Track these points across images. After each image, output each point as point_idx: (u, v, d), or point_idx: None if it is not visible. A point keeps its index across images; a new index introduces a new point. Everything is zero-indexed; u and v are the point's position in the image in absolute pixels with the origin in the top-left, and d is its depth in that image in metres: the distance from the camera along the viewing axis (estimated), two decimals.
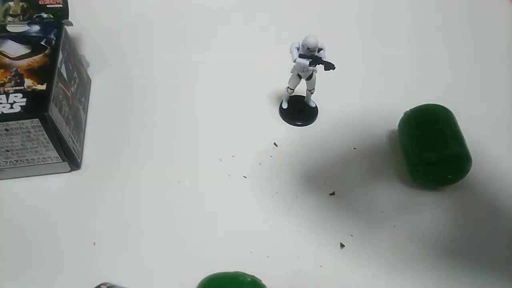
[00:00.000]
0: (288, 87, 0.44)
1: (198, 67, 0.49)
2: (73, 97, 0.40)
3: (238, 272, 0.31)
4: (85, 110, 0.44)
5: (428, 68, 0.51)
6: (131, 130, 0.44)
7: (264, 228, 0.38)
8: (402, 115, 0.42)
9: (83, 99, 0.44)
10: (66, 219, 0.37)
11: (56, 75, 0.37)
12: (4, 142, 0.35)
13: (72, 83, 0.40)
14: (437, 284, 0.35)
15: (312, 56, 0.39)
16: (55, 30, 0.39)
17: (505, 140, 0.45)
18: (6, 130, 0.34)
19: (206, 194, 0.39)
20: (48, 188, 0.39)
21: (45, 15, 0.41)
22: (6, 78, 0.36)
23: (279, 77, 0.44)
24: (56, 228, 0.37)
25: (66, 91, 0.39)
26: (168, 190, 0.40)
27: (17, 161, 0.37)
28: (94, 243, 0.36)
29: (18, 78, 0.36)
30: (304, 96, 0.45)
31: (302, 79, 0.42)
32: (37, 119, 0.34)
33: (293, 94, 0.45)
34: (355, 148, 0.43)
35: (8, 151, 0.36)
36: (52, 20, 0.40)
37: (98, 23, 0.53)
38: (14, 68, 0.36)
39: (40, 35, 0.39)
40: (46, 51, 0.38)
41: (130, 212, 0.38)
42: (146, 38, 0.52)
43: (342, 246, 0.37)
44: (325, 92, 0.44)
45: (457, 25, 0.57)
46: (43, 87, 0.35)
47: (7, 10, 0.40)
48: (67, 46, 0.40)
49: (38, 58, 0.37)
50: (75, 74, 0.42)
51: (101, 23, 0.53)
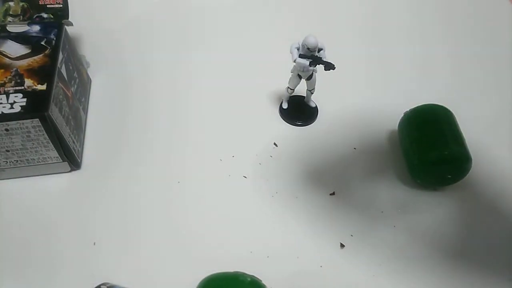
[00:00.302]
0: (288, 87, 0.44)
1: (198, 67, 0.49)
2: (73, 97, 0.40)
3: (238, 272, 0.31)
4: (85, 110, 0.44)
5: (428, 68, 0.51)
6: (131, 130, 0.44)
7: (264, 228, 0.38)
8: (402, 115, 0.42)
9: (83, 99, 0.44)
10: (66, 219, 0.37)
11: (56, 75, 0.37)
12: (4, 142, 0.35)
13: (72, 83, 0.40)
14: (437, 284, 0.35)
15: (312, 56, 0.39)
16: (55, 30, 0.39)
17: (505, 140, 0.45)
18: (6, 130, 0.34)
19: (206, 194, 0.39)
20: (48, 188, 0.39)
21: (45, 15, 0.41)
22: (6, 78, 0.36)
23: (279, 77, 0.44)
24: (56, 228, 0.37)
25: (66, 91, 0.39)
26: (168, 190, 0.40)
27: (17, 161, 0.37)
28: (94, 243, 0.36)
29: (18, 78, 0.36)
30: (304, 96, 0.45)
31: (302, 79, 0.42)
32: (37, 119, 0.34)
33: (293, 94, 0.45)
34: (355, 148, 0.43)
35: (8, 151, 0.36)
36: (52, 20, 0.40)
37: (98, 23, 0.53)
38: (14, 68, 0.36)
39: (40, 35, 0.39)
40: (46, 51, 0.38)
41: (130, 212, 0.38)
42: (146, 38, 0.52)
43: (342, 246, 0.37)
44: (325, 92, 0.44)
45: (457, 25, 0.57)
46: (43, 87, 0.35)
47: (7, 10, 0.40)
48: (67, 46, 0.40)
49: (38, 58, 0.37)
50: (75, 74, 0.42)
51: (101, 23, 0.53)
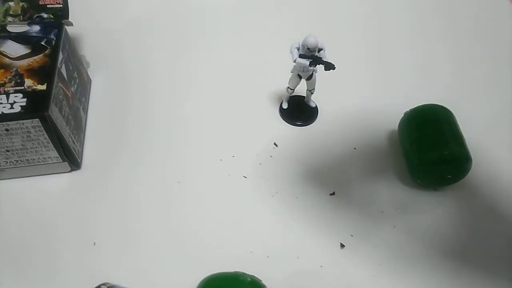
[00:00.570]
0: (288, 87, 0.44)
1: (198, 67, 0.49)
2: (73, 97, 0.40)
3: (238, 272, 0.31)
4: (85, 110, 0.44)
5: (428, 68, 0.51)
6: (131, 130, 0.44)
7: (264, 228, 0.38)
8: (402, 115, 0.42)
9: (83, 99, 0.44)
10: (66, 219, 0.37)
11: (56, 75, 0.37)
12: (4, 142, 0.35)
13: (72, 83, 0.40)
14: (437, 284, 0.35)
15: (312, 56, 0.39)
16: (55, 30, 0.39)
17: (505, 140, 0.45)
18: (6, 130, 0.34)
19: (206, 194, 0.39)
20: (48, 188, 0.39)
21: (45, 15, 0.41)
22: (6, 78, 0.36)
23: (279, 77, 0.44)
24: (56, 228, 0.37)
25: (66, 91, 0.39)
26: (168, 190, 0.40)
27: (17, 161, 0.37)
28: (94, 243, 0.36)
29: (19, 78, 0.36)
30: (304, 96, 0.45)
31: (302, 79, 0.42)
32: (37, 119, 0.34)
33: (293, 94, 0.45)
34: (355, 148, 0.43)
35: (8, 151, 0.36)
36: (52, 20, 0.40)
37: (98, 23, 0.53)
38: (15, 68, 0.36)
39: (40, 35, 0.39)
40: (46, 51, 0.38)
41: (130, 212, 0.38)
42: (146, 38, 0.52)
43: (342, 246, 0.37)
44: (325, 92, 0.44)
45: (457, 25, 0.57)
46: (43, 87, 0.35)
47: (7, 10, 0.40)
48: (67, 46, 0.40)
49: (38, 58, 0.37)
50: (75, 74, 0.42)
51: (101, 23, 0.53)
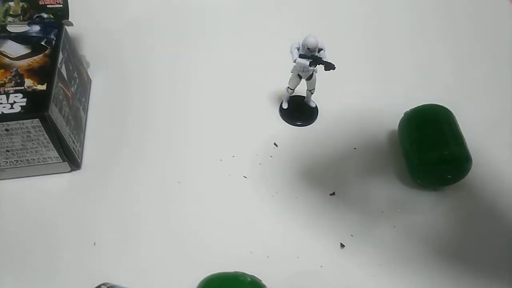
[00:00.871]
0: (288, 87, 0.44)
1: (198, 67, 0.49)
2: (73, 97, 0.40)
3: (238, 272, 0.31)
4: (85, 110, 0.44)
5: (428, 68, 0.51)
6: (131, 130, 0.44)
7: (264, 228, 0.38)
8: (402, 115, 0.42)
9: (83, 99, 0.44)
10: (66, 219, 0.37)
11: (56, 75, 0.37)
12: (4, 142, 0.35)
13: (72, 83, 0.40)
14: (437, 284, 0.35)
15: (312, 56, 0.39)
16: (55, 30, 0.39)
17: (505, 140, 0.45)
18: (6, 130, 0.34)
19: (206, 194, 0.39)
20: (48, 188, 0.39)
21: (45, 15, 0.41)
22: (6, 78, 0.36)
23: (279, 77, 0.44)
24: (56, 228, 0.37)
25: (66, 91, 0.39)
26: (168, 190, 0.40)
27: (17, 161, 0.37)
28: (94, 243, 0.36)
29: (19, 78, 0.36)
30: (304, 96, 0.45)
31: (302, 79, 0.42)
32: (37, 119, 0.34)
33: (293, 94, 0.45)
34: (355, 148, 0.43)
35: (8, 151, 0.36)
36: (52, 20, 0.40)
37: (98, 23, 0.53)
38: (15, 68, 0.36)
39: (40, 35, 0.39)
40: (46, 51, 0.38)
41: (130, 212, 0.38)
42: (146, 38, 0.52)
43: (342, 246, 0.37)
44: (325, 92, 0.44)
45: (457, 25, 0.57)
46: (43, 87, 0.35)
47: (7, 10, 0.40)
48: (67, 46, 0.40)
49: (38, 58, 0.37)
50: (75, 74, 0.42)
51: (101, 23, 0.53)
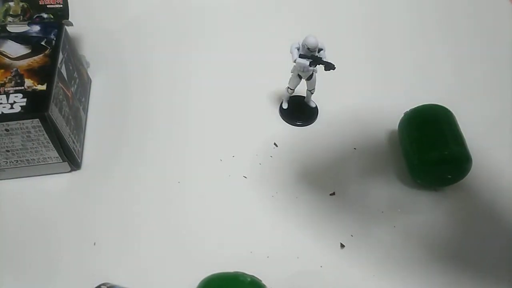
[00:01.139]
0: (288, 87, 0.44)
1: (198, 67, 0.49)
2: (73, 97, 0.40)
3: (238, 272, 0.31)
4: (85, 110, 0.44)
5: (428, 68, 0.51)
6: (131, 130, 0.44)
7: (264, 228, 0.38)
8: (402, 115, 0.42)
9: (83, 99, 0.44)
10: (66, 219, 0.37)
11: (56, 75, 0.37)
12: (4, 142, 0.35)
13: (72, 83, 0.40)
14: (437, 284, 0.35)
15: (312, 56, 0.39)
16: (55, 30, 0.39)
17: (505, 140, 0.45)
18: (7, 130, 0.34)
19: (206, 194, 0.39)
20: (48, 188, 0.39)
21: (45, 15, 0.41)
22: (7, 78, 0.36)
23: (279, 77, 0.44)
24: (56, 228, 0.37)
25: (66, 91, 0.39)
26: (168, 190, 0.40)
27: (17, 161, 0.37)
28: (94, 243, 0.36)
29: (19, 78, 0.36)
30: (304, 96, 0.45)
31: (302, 79, 0.42)
32: (37, 119, 0.34)
33: (293, 94, 0.45)
34: (355, 148, 0.43)
35: (8, 151, 0.36)
36: (52, 20, 0.41)
37: (98, 23, 0.53)
38: (15, 68, 0.36)
39: (40, 35, 0.39)
40: (46, 51, 0.38)
41: (130, 212, 0.38)
42: (146, 38, 0.52)
43: (342, 246, 0.37)
44: (325, 92, 0.44)
45: (457, 25, 0.57)
46: (43, 87, 0.35)
47: (7, 10, 0.40)
48: (67, 46, 0.40)
49: (38, 58, 0.37)
50: (75, 74, 0.42)
51: (101, 23, 0.53)
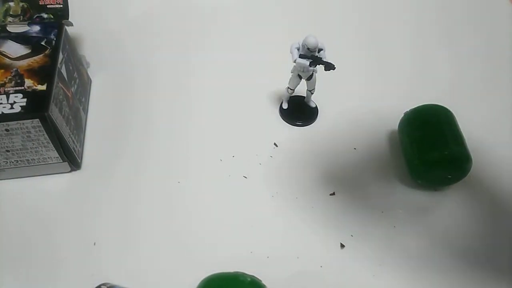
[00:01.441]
0: (288, 88, 0.44)
1: (198, 67, 0.49)
2: (73, 97, 0.40)
3: (238, 272, 0.31)
4: (85, 110, 0.44)
5: (428, 68, 0.51)
6: (131, 130, 0.44)
7: (264, 228, 0.38)
8: (402, 115, 0.42)
9: (83, 99, 0.44)
10: (66, 219, 0.37)
11: (56, 76, 0.37)
12: (4, 142, 0.35)
13: (72, 83, 0.40)
14: (437, 284, 0.35)
15: (312, 56, 0.39)
16: (55, 30, 0.39)
17: (505, 140, 0.45)
18: (7, 130, 0.34)
19: (206, 194, 0.39)
20: (49, 188, 0.39)
21: (45, 15, 0.41)
22: (7, 78, 0.36)
23: (279, 77, 0.44)
24: (56, 228, 0.37)
25: (66, 91, 0.39)
26: (168, 190, 0.40)
27: (17, 161, 0.37)
28: (94, 243, 0.36)
29: (19, 79, 0.36)
30: (304, 97, 0.45)
31: (302, 79, 0.42)
32: (37, 119, 0.34)
33: (293, 95, 0.45)
34: (355, 148, 0.43)
35: (8, 151, 0.36)
36: (52, 20, 0.40)
37: (98, 23, 0.53)
38: (15, 69, 0.36)
39: (40, 35, 0.39)
40: (47, 52, 0.38)
41: (130, 212, 0.38)
42: (146, 38, 0.52)
43: (342, 246, 0.37)
44: (325, 93, 0.44)
45: (457, 25, 0.57)
46: (43, 87, 0.35)
47: (7, 11, 0.40)
48: (67, 46, 0.40)
49: (38, 58, 0.37)
50: (75, 74, 0.42)
51: (101, 23, 0.53)
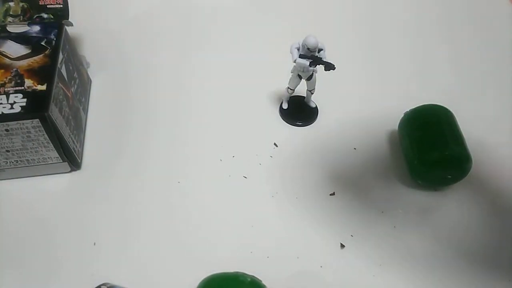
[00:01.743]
0: (288, 88, 0.44)
1: (198, 67, 0.49)
2: (73, 97, 0.40)
3: (238, 272, 0.31)
4: (85, 110, 0.44)
5: (428, 68, 0.51)
6: (131, 130, 0.44)
7: (264, 228, 0.38)
8: (402, 115, 0.42)
9: (83, 99, 0.44)
10: (66, 219, 0.37)
11: (56, 76, 0.37)
12: (4, 143, 0.35)
13: (72, 83, 0.40)
14: (437, 284, 0.35)
15: (312, 56, 0.39)
16: (55, 31, 0.39)
17: (505, 140, 0.45)
18: (7, 130, 0.34)
19: (206, 194, 0.39)
20: (49, 188, 0.39)
21: (45, 16, 0.41)
22: (7, 78, 0.36)
23: (279, 77, 0.44)
24: (56, 228, 0.37)
25: (66, 91, 0.39)
26: (168, 190, 0.40)
27: (17, 161, 0.37)
28: (94, 243, 0.36)
29: (19, 79, 0.36)
30: (304, 97, 0.45)
31: (302, 79, 0.42)
32: (37, 119, 0.34)
33: (293, 95, 0.45)
34: (355, 149, 0.43)
35: (8, 151, 0.36)
36: (52, 20, 0.41)
37: (98, 23, 0.53)
38: (15, 69, 0.36)
39: (41, 35, 0.39)
40: (47, 52, 0.38)
41: (130, 212, 0.38)
42: (146, 38, 0.52)
43: (342, 246, 0.37)
44: (325, 93, 0.44)
45: (457, 25, 0.57)
46: (43, 87, 0.35)
47: (7, 11, 0.40)
48: (67, 47, 0.40)
49: (38, 58, 0.37)
50: (75, 75, 0.42)
51: (101, 23, 0.53)
